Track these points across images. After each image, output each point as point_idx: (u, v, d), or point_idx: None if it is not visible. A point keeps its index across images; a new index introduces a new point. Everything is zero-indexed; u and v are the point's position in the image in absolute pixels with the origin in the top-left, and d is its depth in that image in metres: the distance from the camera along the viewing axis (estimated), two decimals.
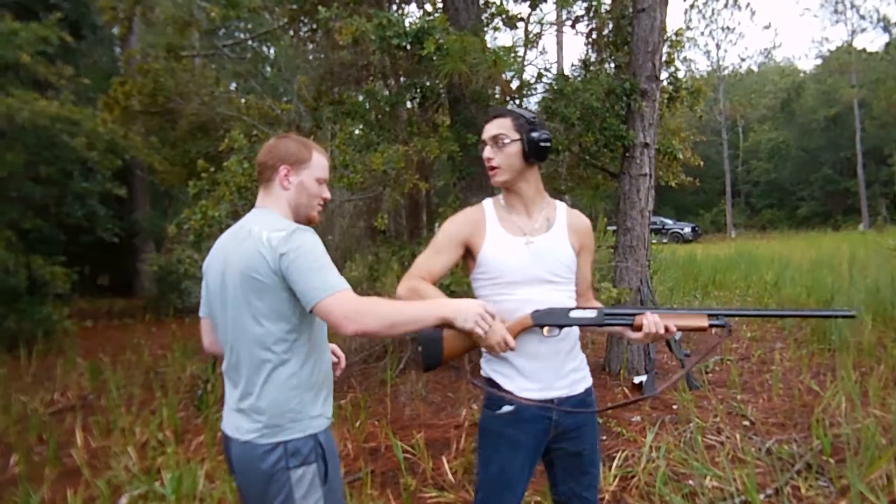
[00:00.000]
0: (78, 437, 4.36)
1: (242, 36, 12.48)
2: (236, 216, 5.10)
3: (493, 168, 1.91)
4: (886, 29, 33.34)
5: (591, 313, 1.85)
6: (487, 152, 1.92)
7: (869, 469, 3.06)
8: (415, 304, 1.72)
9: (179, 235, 6.06)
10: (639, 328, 1.81)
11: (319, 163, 1.87)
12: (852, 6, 36.35)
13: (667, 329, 1.81)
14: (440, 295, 1.82)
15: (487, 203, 1.99)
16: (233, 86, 10.99)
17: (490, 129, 1.92)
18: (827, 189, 34.81)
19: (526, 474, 1.90)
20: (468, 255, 1.93)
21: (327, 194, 1.91)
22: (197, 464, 3.66)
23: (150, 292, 12.50)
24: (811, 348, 5.86)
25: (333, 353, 2.04)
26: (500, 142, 1.89)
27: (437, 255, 1.90)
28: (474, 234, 1.90)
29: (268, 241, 1.66)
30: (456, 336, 1.76)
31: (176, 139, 8.14)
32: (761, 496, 2.96)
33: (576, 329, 1.92)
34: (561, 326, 1.83)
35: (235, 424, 1.74)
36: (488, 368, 1.93)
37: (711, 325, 1.82)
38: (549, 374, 1.88)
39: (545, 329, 1.81)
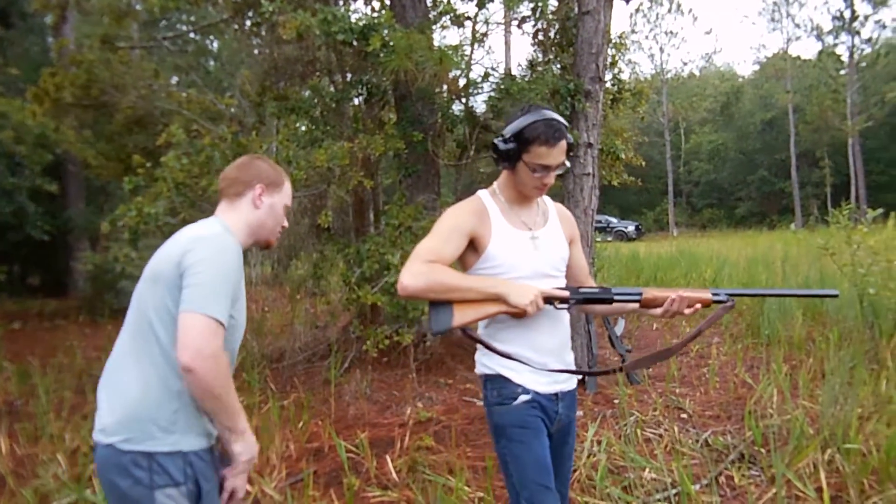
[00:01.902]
0: (3, 444, 4.15)
1: (184, 28, 12.13)
2: (174, 213, 4.97)
3: (544, 187, 1.86)
4: (819, 37, 34.85)
5: (597, 290, 1.87)
6: (551, 178, 1.83)
7: (797, 458, 3.18)
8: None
9: (115, 233, 5.85)
10: (648, 304, 1.82)
11: (288, 191, 1.89)
12: (788, 15, 37.90)
13: (688, 306, 1.81)
14: (462, 276, 1.78)
15: (484, 196, 1.92)
16: (173, 79, 10.67)
17: (559, 157, 1.80)
18: (763, 190, 36.22)
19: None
20: (470, 248, 1.85)
21: (286, 223, 1.89)
22: None
23: (85, 292, 12.02)
24: (746, 342, 6.07)
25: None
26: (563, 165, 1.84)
27: (445, 243, 1.79)
28: (480, 227, 1.84)
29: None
30: (467, 304, 1.75)
31: (112, 133, 7.86)
32: (696, 486, 3.04)
33: (568, 323, 1.94)
34: (577, 301, 1.82)
35: None
36: (494, 364, 1.87)
37: (715, 301, 1.84)
38: (555, 367, 1.88)
39: (556, 302, 1.80)
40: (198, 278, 1.53)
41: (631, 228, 30.18)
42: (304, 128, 6.03)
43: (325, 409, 4.69)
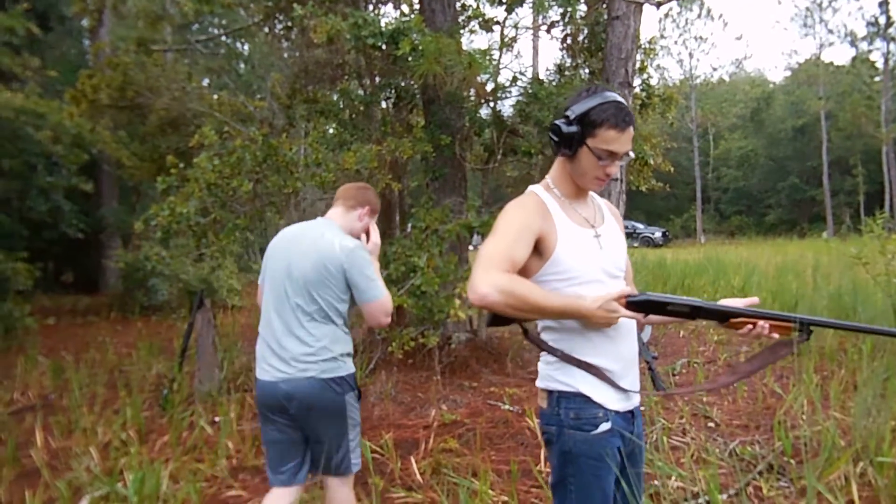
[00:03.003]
0: (38, 437, 4.25)
1: (216, 31, 12.33)
2: (205, 213, 5.05)
3: (606, 178, 1.70)
4: (853, 44, 34.20)
5: (685, 308, 1.65)
6: (615, 168, 1.67)
7: (828, 470, 3.12)
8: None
9: (147, 232, 5.97)
10: (732, 327, 1.66)
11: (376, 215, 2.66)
12: (821, 21, 37.22)
13: (769, 334, 1.65)
14: (545, 295, 1.58)
15: (540, 191, 1.74)
16: (205, 81, 10.87)
17: (626, 143, 1.65)
18: (794, 197, 35.59)
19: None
20: (533, 251, 1.64)
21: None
22: (161, 464, 3.60)
23: (116, 289, 12.27)
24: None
25: None
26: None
27: (516, 246, 1.59)
28: (545, 227, 1.64)
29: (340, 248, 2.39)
30: None
31: (145, 134, 8.03)
32: (724, 496, 3.00)
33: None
34: (655, 314, 1.65)
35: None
36: (574, 381, 1.66)
37: (798, 330, 1.65)
38: (631, 380, 1.71)
39: (642, 319, 1.65)
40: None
41: (658, 234, 29.84)
42: (332, 130, 6.10)
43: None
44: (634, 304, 1.63)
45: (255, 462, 3.83)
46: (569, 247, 1.65)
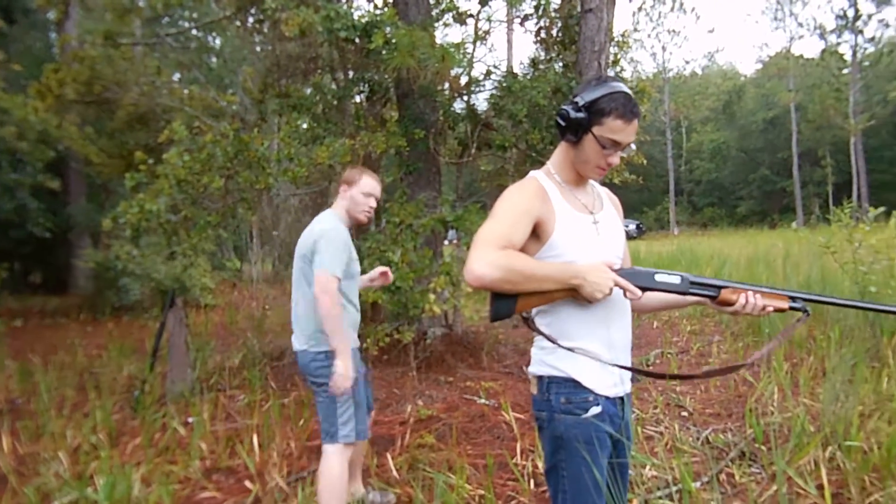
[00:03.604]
0: (5, 442, 4.15)
1: (186, 25, 12.13)
2: (175, 210, 4.97)
3: (608, 167, 1.71)
4: (822, 36, 34.79)
5: (676, 279, 1.66)
6: (617, 158, 1.68)
7: (798, 455, 3.18)
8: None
9: (116, 230, 5.86)
10: (725, 303, 1.66)
11: (364, 182, 2.83)
12: (791, 14, 37.82)
13: (763, 308, 1.66)
14: (538, 264, 1.60)
15: (540, 176, 1.74)
16: (176, 76, 10.68)
17: (631, 134, 1.66)
18: (765, 189, 36.19)
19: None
20: (531, 235, 1.66)
21: (372, 204, 2.86)
22: (132, 467, 3.54)
23: (86, 290, 12.03)
24: (747, 341, 6.06)
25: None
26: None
27: (514, 228, 1.60)
28: (544, 211, 1.66)
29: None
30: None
31: (113, 130, 7.87)
32: (697, 484, 3.04)
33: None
34: (644, 289, 1.64)
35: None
36: (565, 366, 1.68)
37: (791, 308, 1.68)
38: (625, 364, 1.74)
39: (627, 292, 1.63)
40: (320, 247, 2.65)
41: (632, 227, 30.14)
42: (305, 125, 6.03)
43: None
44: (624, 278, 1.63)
45: (229, 463, 3.78)
46: (566, 232, 1.67)
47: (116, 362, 6.19)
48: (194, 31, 10.67)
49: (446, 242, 7.47)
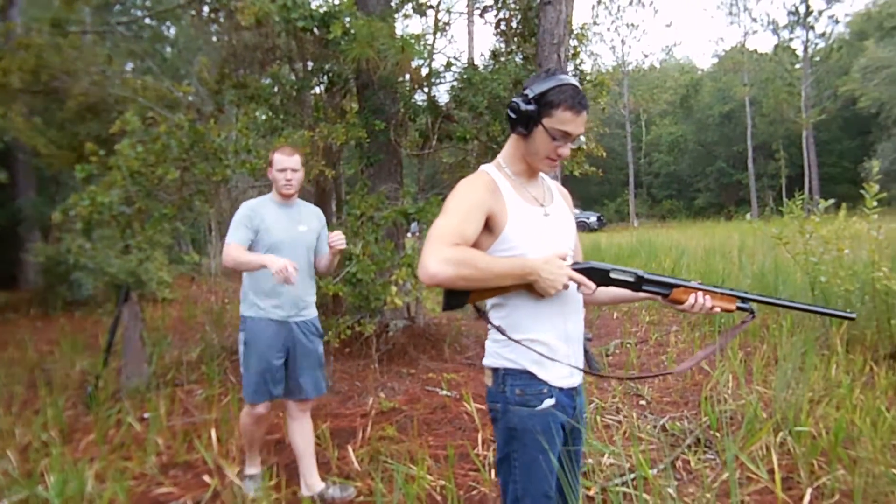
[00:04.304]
0: None
1: (139, 13, 11.80)
2: (129, 202, 4.84)
3: (558, 158, 1.72)
4: (775, 32, 35.63)
5: (630, 276, 1.69)
6: (567, 150, 1.70)
7: (750, 441, 3.26)
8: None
9: (67, 224, 5.68)
10: (675, 301, 1.69)
11: (278, 160, 3.08)
12: (745, 9, 38.64)
13: (710, 309, 1.70)
14: (492, 260, 1.60)
15: (491, 170, 1.75)
16: (129, 66, 10.38)
17: (580, 126, 1.68)
18: (721, 181, 36.99)
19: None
20: (483, 228, 1.67)
21: (285, 180, 3.07)
22: (85, 464, 3.45)
23: (36, 285, 11.62)
24: (703, 330, 6.19)
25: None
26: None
27: (466, 223, 1.61)
28: (496, 205, 1.67)
29: None
30: None
31: (63, 120, 7.61)
32: (654, 471, 3.09)
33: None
34: (598, 285, 1.67)
35: None
36: (520, 358, 1.69)
37: (739, 308, 1.72)
38: (576, 357, 1.76)
39: (580, 288, 1.65)
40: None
41: (593, 219, 30.53)
42: (263, 116, 5.93)
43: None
44: (578, 273, 1.66)
45: (186, 457, 3.72)
46: (518, 224, 1.68)
47: (69, 358, 6.01)
48: (147, 20, 10.38)
49: (409, 235, 7.45)
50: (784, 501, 2.79)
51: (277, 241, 3.07)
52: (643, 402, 4.33)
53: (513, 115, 1.69)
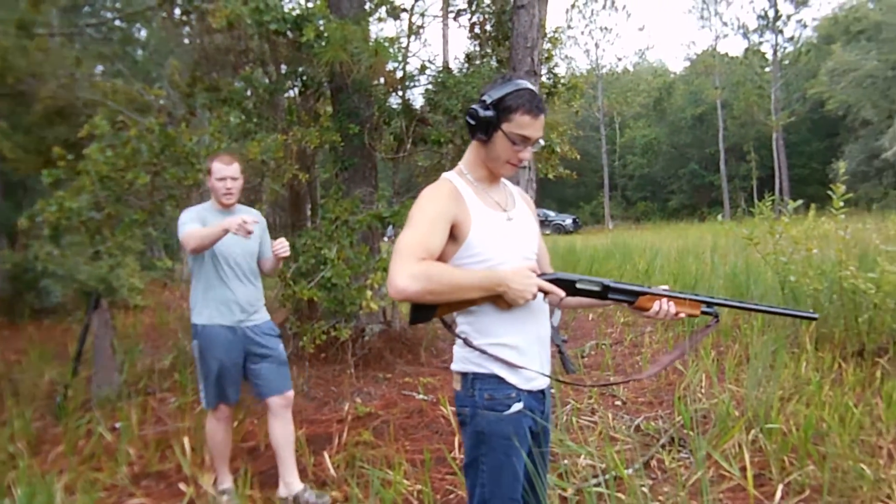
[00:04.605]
0: None
1: (109, 15, 11.62)
2: (98, 208, 4.76)
3: (519, 163, 1.74)
4: (745, 36, 36.21)
5: (596, 286, 1.72)
6: (527, 153, 1.72)
7: (723, 439, 3.31)
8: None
9: (34, 229, 5.57)
10: (641, 308, 1.72)
11: (216, 168, 3.11)
12: (716, 13, 39.20)
13: (675, 315, 1.72)
14: (461, 273, 1.61)
15: (453, 177, 1.77)
16: (98, 68, 10.21)
17: (539, 130, 1.70)
18: (694, 183, 37.47)
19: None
20: (448, 237, 1.67)
21: (224, 189, 3.10)
22: (54, 476, 3.38)
23: (3, 292, 11.37)
24: (677, 331, 6.26)
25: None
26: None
27: (431, 235, 1.61)
28: (460, 213, 1.67)
29: None
30: None
31: (30, 124, 7.45)
32: (629, 471, 3.11)
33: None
34: (568, 294, 1.69)
35: None
36: (488, 363, 1.70)
37: (703, 313, 1.75)
38: (542, 361, 1.78)
39: (547, 296, 1.67)
40: None
41: (568, 222, 30.71)
42: (236, 120, 5.87)
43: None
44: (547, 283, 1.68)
45: (159, 467, 3.66)
46: (482, 230, 1.70)
47: (37, 368, 5.89)
48: (117, 22, 10.21)
49: (385, 239, 7.42)
50: (756, 498, 2.83)
51: (217, 254, 3.09)
52: (618, 403, 4.37)
53: (472, 122, 1.71)
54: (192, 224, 3.00)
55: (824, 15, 37.44)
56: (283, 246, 3.11)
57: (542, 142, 1.74)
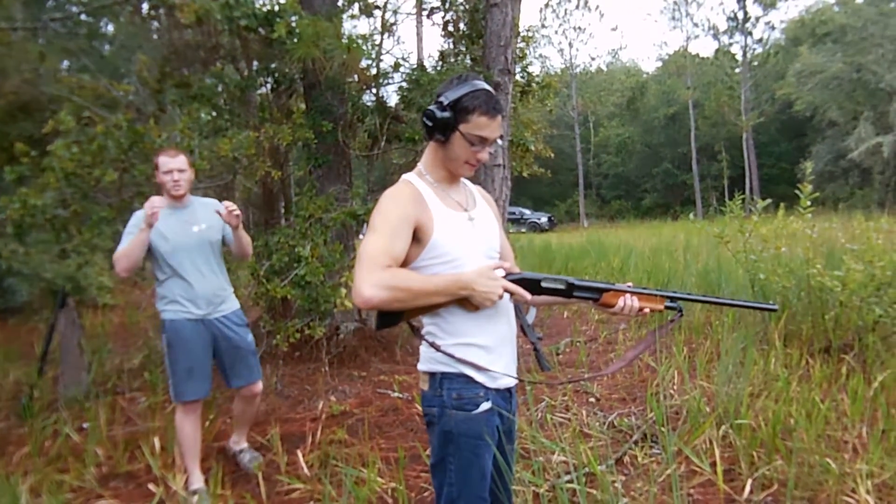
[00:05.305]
0: None
1: (75, 10, 11.35)
2: (64, 205, 4.66)
3: (477, 163, 1.76)
4: (716, 37, 36.77)
5: (561, 285, 1.73)
6: (485, 154, 1.73)
7: (694, 435, 3.34)
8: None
9: None
10: (606, 305, 1.74)
11: (161, 163, 3.14)
12: (687, 14, 39.71)
13: (640, 310, 1.74)
14: (425, 279, 1.63)
15: (414, 179, 1.77)
16: (64, 63, 9.97)
17: (497, 130, 1.71)
18: (667, 182, 37.92)
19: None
20: (412, 238, 1.68)
21: (170, 184, 3.14)
22: (19, 478, 3.30)
23: None
24: (651, 328, 6.32)
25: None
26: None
27: (394, 240, 1.61)
28: (422, 215, 1.68)
29: None
30: None
31: None
32: (602, 467, 3.14)
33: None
34: (532, 294, 1.70)
35: None
36: (457, 362, 1.70)
37: (667, 307, 1.77)
38: (509, 360, 1.79)
39: (513, 296, 1.68)
40: None
41: (544, 220, 30.90)
42: (207, 116, 5.79)
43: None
44: (512, 283, 1.69)
45: (128, 468, 3.59)
46: (445, 231, 1.70)
47: (2, 368, 5.75)
48: (83, 16, 9.97)
49: (360, 236, 7.38)
50: (726, 493, 2.87)
51: (170, 250, 3.14)
52: (592, 400, 4.39)
53: (429, 123, 1.71)
54: (126, 239, 3.06)
55: (791, 17, 38.19)
56: (230, 208, 3.17)
57: (499, 141, 1.76)
